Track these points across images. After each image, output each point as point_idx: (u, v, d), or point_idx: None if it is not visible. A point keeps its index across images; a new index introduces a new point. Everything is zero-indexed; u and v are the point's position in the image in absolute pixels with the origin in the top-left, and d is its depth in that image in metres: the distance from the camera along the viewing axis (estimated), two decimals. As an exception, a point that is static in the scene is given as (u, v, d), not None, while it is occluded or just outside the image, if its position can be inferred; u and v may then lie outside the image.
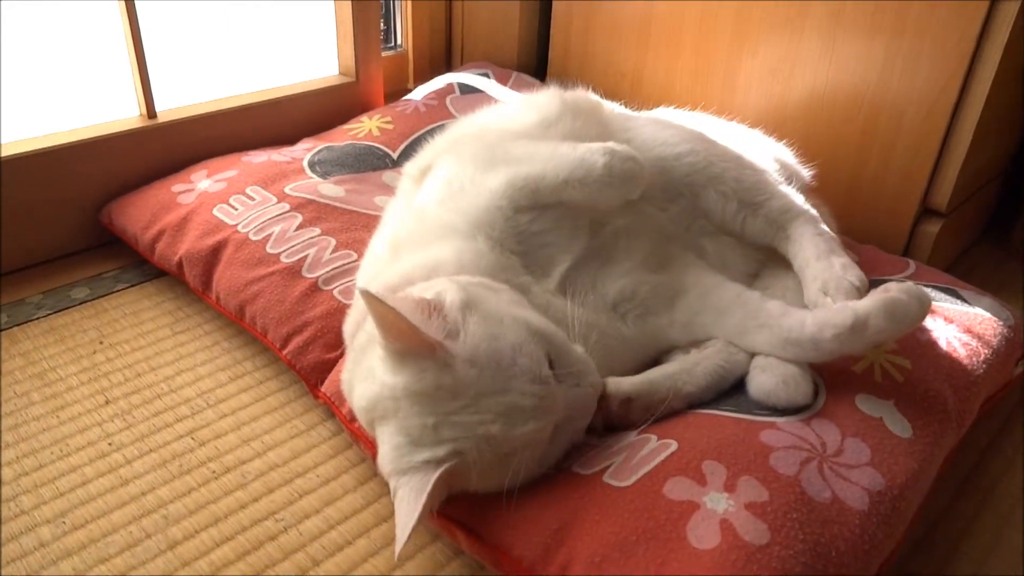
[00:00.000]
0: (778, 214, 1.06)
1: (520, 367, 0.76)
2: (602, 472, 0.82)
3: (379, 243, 1.03)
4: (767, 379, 0.89)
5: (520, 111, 1.13)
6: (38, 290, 1.29)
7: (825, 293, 0.96)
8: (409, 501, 0.73)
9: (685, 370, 0.92)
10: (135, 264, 1.36)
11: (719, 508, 0.75)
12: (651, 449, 0.83)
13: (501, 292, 0.86)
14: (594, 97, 1.19)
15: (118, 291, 1.30)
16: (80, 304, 1.27)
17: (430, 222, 0.96)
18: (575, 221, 0.98)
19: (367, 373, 0.82)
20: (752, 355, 0.94)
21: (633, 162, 0.97)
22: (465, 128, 1.15)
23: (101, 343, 1.18)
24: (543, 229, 0.95)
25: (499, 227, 0.93)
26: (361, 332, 0.88)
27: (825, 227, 1.05)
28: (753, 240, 1.09)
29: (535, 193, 0.95)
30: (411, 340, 0.75)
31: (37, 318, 1.23)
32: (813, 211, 1.07)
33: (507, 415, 0.75)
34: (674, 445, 0.83)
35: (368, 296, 0.73)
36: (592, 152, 0.96)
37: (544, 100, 1.13)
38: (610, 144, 0.98)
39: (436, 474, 0.73)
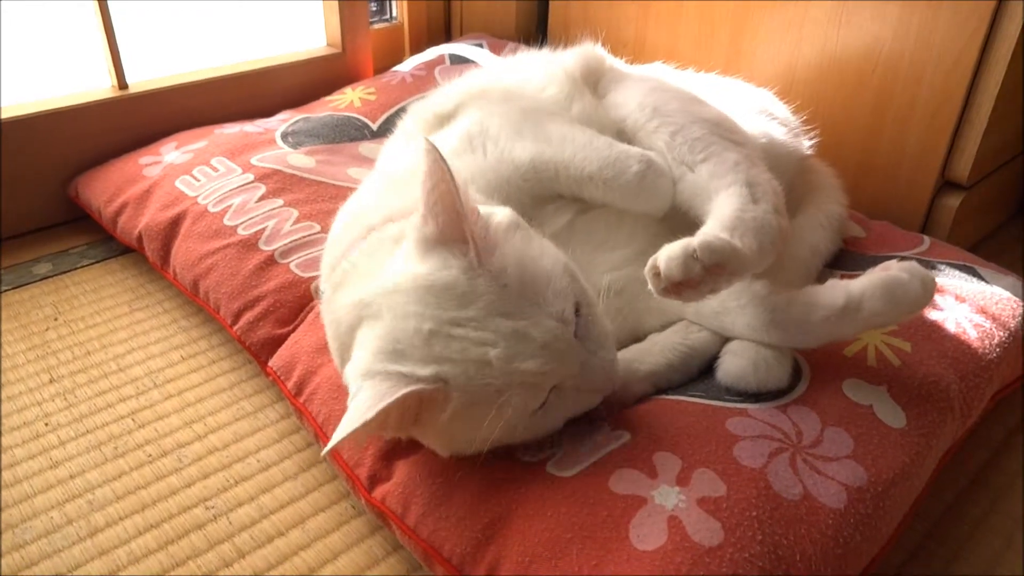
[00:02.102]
0: (707, 179, 0.85)
1: (545, 297, 0.68)
2: (545, 460, 0.74)
3: (373, 181, 0.95)
4: (737, 362, 0.80)
5: (543, 80, 1.03)
6: (1, 265, 1.25)
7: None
8: (364, 403, 0.63)
9: (642, 350, 0.83)
10: (102, 240, 1.31)
11: (668, 504, 0.67)
12: (601, 438, 0.75)
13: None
14: (599, 52, 1.09)
15: (82, 267, 1.25)
16: (41, 280, 1.22)
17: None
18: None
19: (372, 269, 0.73)
20: (725, 339, 0.84)
21: (666, 179, 0.89)
22: (489, 82, 1.05)
23: (56, 320, 1.13)
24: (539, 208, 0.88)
25: (512, 203, 0.84)
26: (390, 226, 0.78)
27: (764, 206, 0.80)
28: (688, 215, 0.88)
29: (553, 180, 0.88)
30: (450, 223, 0.67)
31: (-5, 294, 1.18)
32: (762, 184, 0.84)
33: (513, 341, 0.65)
34: (626, 436, 0.74)
35: (433, 152, 0.65)
36: (629, 157, 0.88)
37: (559, 75, 1.03)
38: (649, 154, 0.89)
39: (406, 389, 0.63)
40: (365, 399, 0.64)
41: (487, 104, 0.97)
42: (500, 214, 0.74)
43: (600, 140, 0.90)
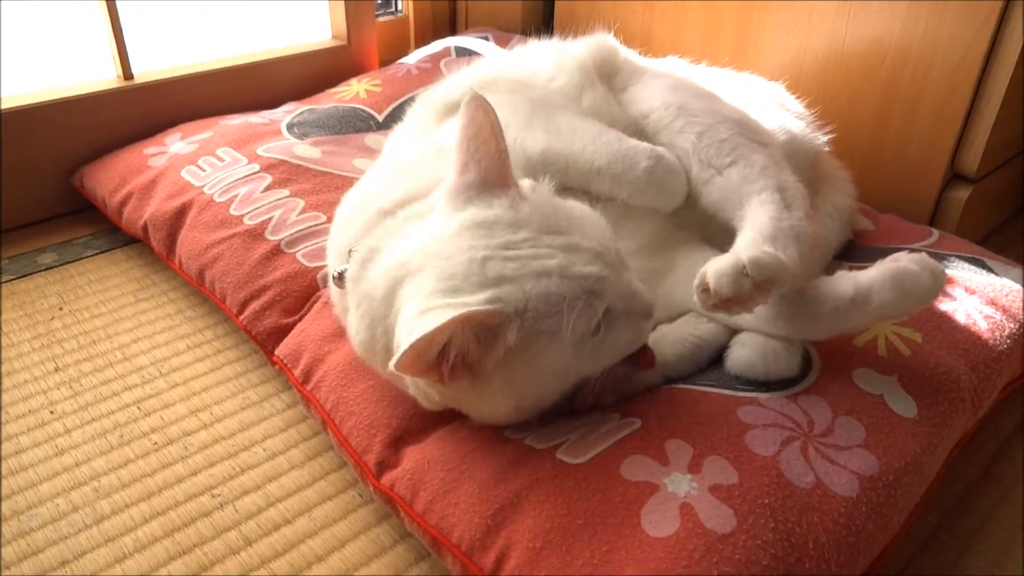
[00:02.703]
0: (737, 184, 0.85)
1: (585, 224, 0.70)
2: (556, 447, 0.73)
3: (380, 168, 0.94)
4: (745, 352, 0.80)
5: (552, 70, 1.02)
6: (5, 255, 1.24)
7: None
8: (425, 324, 0.60)
9: (653, 341, 0.82)
10: (107, 231, 1.31)
11: (680, 491, 0.66)
12: (612, 426, 0.74)
13: None
14: (611, 43, 1.09)
15: (86, 257, 1.25)
16: (46, 270, 1.21)
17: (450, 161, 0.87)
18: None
19: (401, 241, 0.72)
20: (734, 330, 0.84)
21: (675, 174, 0.89)
22: (499, 72, 1.05)
23: (61, 309, 1.13)
24: None
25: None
26: (415, 204, 0.77)
27: (797, 212, 0.82)
28: (715, 218, 0.89)
29: (562, 172, 0.87)
30: (494, 167, 0.69)
31: (-1, 283, 1.18)
32: (791, 188, 0.85)
33: (568, 252, 0.67)
34: (638, 423, 0.74)
35: (478, 99, 0.67)
36: (638, 152, 0.88)
37: (571, 63, 1.02)
38: (659, 149, 0.89)
39: (464, 310, 0.61)
40: (426, 322, 0.60)
41: (497, 94, 0.95)
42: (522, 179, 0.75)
43: (610, 134, 0.89)
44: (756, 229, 0.79)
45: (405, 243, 0.71)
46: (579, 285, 0.66)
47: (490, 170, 0.69)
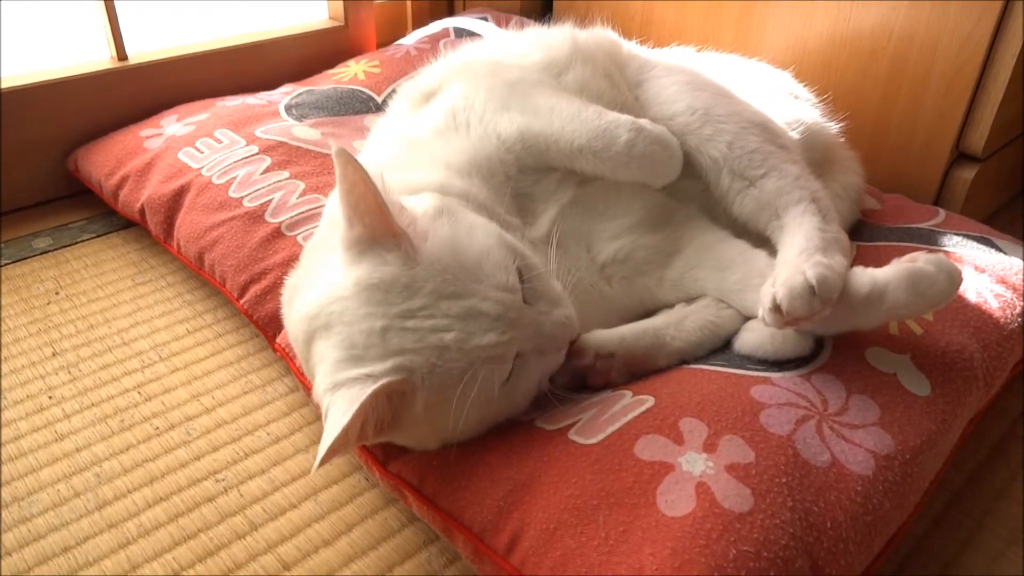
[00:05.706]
0: (772, 195, 0.86)
1: (486, 272, 0.68)
2: (568, 428, 0.72)
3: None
4: (754, 335, 0.80)
5: (531, 48, 1.00)
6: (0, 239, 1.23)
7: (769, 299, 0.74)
8: (337, 414, 0.62)
9: (673, 323, 0.82)
10: (103, 215, 1.29)
11: (696, 470, 0.65)
12: (624, 405, 0.73)
13: (479, 212, 0.77)
14: (612, 35, 1.07)
15: (82, 241, 1.23)
16: (41, 254, 1.19)
17: (422, 152, 0.86)
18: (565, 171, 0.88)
19: (315, 279, 0.72)
20: (746, 317, 0.83)
21: (660, 146, 0.87)
22: (476, 55, 1.03)
23: (57, 294, 1.11)
24: (535, 180, 0.87)
25: (498, 178, 0.84)
26: (317, 235, 0.79)
27: (834, 225, 0.83)
28: (747, 225, 0.89)
29: (544, 153, 0.86)
30: (376, 221, 0.66)
31: (-6, 268, 1.16)
32: (823, 199, 0.86)
33: (466, 320, 0.66)
34: (651, 401, 0.73)
35: (344, 156, 0.64)
36: (618, 125, 0.86)
37: (556, 41, 1.00)
38: (641, 121, 0.87)
39: (374, 387, 0.62)
40: (337, 410, 0.63)
41: (473, 76, 0.94)
42: (423, 202, 0.73)
43: (589, 110, 0.87)
44: (807, 238, 0.79)
45: (314, 287, 0.71)
46: (479, 355, 0.66)
47: (374, 226, 0.67)
